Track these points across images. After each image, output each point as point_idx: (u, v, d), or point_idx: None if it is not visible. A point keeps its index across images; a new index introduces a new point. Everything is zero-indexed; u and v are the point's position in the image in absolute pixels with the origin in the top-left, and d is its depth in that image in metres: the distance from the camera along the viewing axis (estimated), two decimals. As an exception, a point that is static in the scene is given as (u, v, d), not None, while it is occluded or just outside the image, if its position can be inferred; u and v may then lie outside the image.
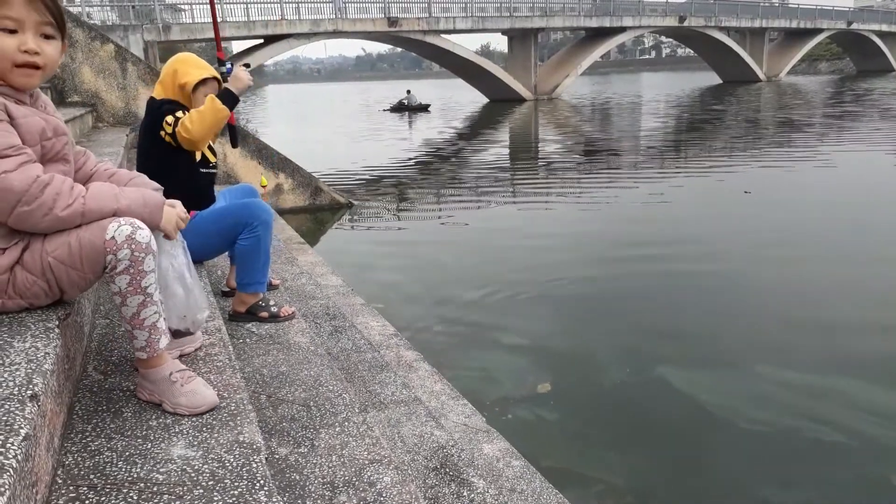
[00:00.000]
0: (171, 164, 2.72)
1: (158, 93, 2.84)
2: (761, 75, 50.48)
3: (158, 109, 2.74)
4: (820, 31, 55.03)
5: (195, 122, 2.59)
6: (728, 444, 3.18)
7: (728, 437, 3.23)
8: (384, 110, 32.89)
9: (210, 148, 2.95)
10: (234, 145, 3.39)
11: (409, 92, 33.16)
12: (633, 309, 4.92)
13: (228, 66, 3.14)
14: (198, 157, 2.84)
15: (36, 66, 1.46)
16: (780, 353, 4.09)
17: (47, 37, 1.48)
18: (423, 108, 31.70)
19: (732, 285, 5.35)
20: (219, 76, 2.88)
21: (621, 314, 4.85)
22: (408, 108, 31.79)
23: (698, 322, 4.66)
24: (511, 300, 5.18)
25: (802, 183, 9.66)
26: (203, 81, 2.82)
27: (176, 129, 2.64)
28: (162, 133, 2.68)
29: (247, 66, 3.14)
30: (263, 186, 2.92)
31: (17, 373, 1.23)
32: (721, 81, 51.31)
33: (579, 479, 2.92)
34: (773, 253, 6.11)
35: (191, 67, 2.83)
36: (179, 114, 2.68)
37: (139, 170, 2.75)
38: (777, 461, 3.03)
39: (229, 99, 2.63)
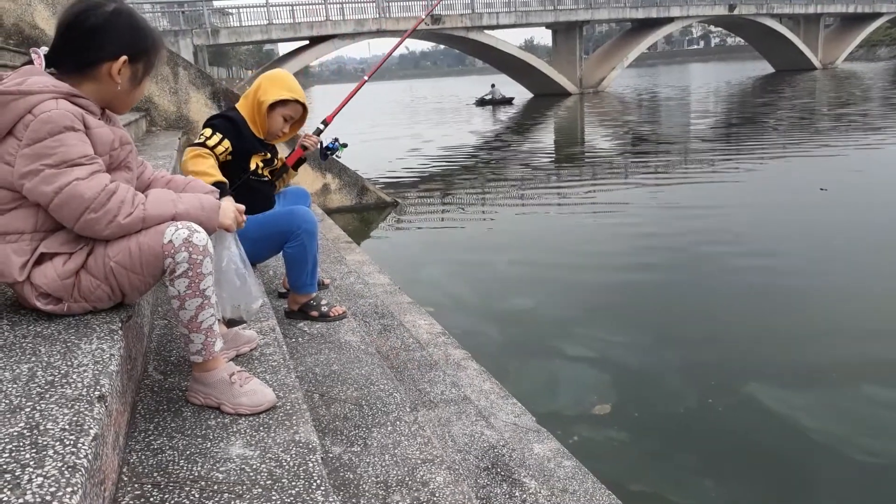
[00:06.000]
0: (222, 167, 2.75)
1: (240, 104, 2.79)
2: (816, 63, 48.82)
3: (210, 119, 2.73)
4: (879, 14, 52.94)
5: (187, 163, 2.54)
6: (837, 476, 2.84)
7: (837, 469, 2.89)
8: (470, 104, 33.57)
9: (267, 161, 2.89)
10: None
11: (493, 86, 33.64)
12: (707, 319, 4.52)
13: (332, 142, 3.24)
14: (252, 166, 2.81)
15: None
16: (890, 371, 3.68)
17: None
18: (507, 101, 32.25)
19: (823, 294, 4.87)
20: (304, 101, 2.79)
21: (693, 325, 4.43)
22: (491, 102, 32.28)
23: (788, 335, 4.20)
24: (566, 306, 4.90)
25: (885, 178, 8.93)
26: (282, 103, 2.73)
27: (191, 147, 2.60)
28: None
29: (345, 146, 3.26)
30: None
31: (85, 374, 1.28)
32: (774, 70, 49.84)
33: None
34: (865, 258, 5.58)
35: (273, 86, 2.72)
36: (208, 134, 2.62)
37: None
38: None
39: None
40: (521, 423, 2.72)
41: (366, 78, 3.67)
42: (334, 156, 3.33)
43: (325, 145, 3.22)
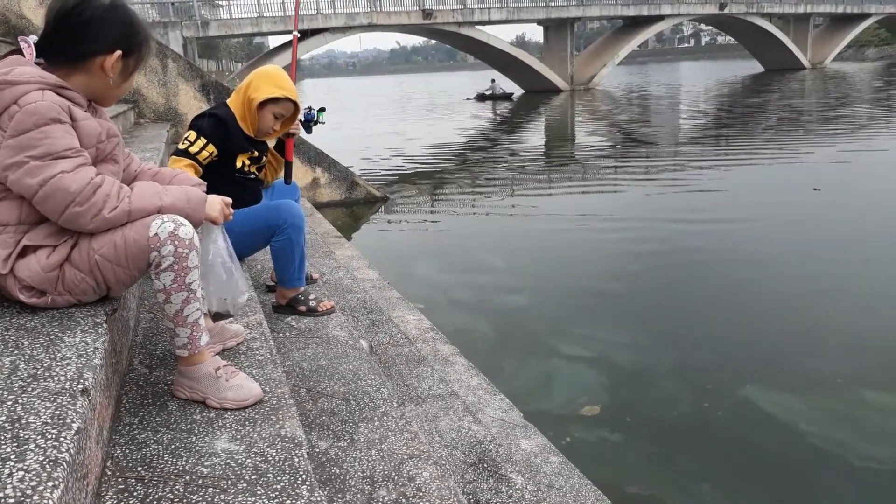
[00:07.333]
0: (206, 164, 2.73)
1: (231, 100, 2.75)
2: (805, 62, 49.15)
3: (197, 118, 2.70)
4: (868, 15, 53.43)
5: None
6: (833, 481, 2.79)
7: (833, 474, 2.84)
8: (468, 99, 33.27)
9: (255, 159, 2.86)
10: (287, 181, 3.21)
11: (493, 81, 33.54)
12: (701, 321, 4.46)
13: (308, 112, 3.16)
14: (238, 164, 2.78)
15: None
16: (887, 375, 3.62)
17: None
18: (507, 97, 32.10)
19: (818, 296, 4.78)
20: (296, 99, 2.76)
21: (686, 327, 4.36)
22: (492, 98, 32.17)
23: (784, 338, 4.14)
24: (557, 304, 4.87)
25: (878, 177, 8.88)
26: (273, 100, 2.68)
27: (175, 156, 2.60)
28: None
29: (322, 109, 3.18)
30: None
31: (69, 367, 1.27)
32: (763, 69, 50.10)
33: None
34: (861, 259, 5.50)
35: (264, 83, 2.67)
36: (192, 138, 2.60)
37: None
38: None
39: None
40: (509, 419, 2.73)
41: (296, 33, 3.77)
42: (319, 123, 3.20)
43: (304, 120, 3.14)
